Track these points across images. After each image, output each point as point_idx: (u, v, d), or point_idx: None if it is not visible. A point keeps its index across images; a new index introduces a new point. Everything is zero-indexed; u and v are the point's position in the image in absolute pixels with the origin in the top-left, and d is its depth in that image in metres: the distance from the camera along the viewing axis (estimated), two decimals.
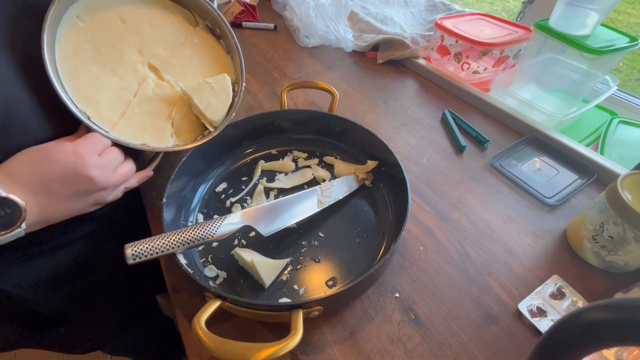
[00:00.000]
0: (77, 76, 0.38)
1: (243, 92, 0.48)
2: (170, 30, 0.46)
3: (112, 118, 0.40)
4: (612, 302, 0.19)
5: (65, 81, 0.37)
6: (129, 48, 0.42)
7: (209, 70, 0.48)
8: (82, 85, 0.38)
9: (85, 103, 0.38)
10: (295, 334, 0.29)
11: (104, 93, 0.40)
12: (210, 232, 0.35)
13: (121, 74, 0.41)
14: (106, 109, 0.40)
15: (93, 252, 0.49)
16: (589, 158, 0.54)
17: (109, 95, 0.40)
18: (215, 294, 0.32)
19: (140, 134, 0.41)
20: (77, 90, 0.38)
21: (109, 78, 0.41)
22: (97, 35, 0.40)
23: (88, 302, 0.53)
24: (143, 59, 0.43)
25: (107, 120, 0.40)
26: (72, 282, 0.48)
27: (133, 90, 0.42)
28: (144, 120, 0.42)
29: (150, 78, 0.43)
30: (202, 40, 0.48)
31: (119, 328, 0.64)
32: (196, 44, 0.47)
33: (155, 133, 0.43)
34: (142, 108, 0.42)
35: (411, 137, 0.62)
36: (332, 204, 0.46)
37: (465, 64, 0.75)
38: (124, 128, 0.40)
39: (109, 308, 0.58)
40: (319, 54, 0.85)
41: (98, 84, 0.40)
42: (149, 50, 0.44)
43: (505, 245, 0.45)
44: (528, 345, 0.36)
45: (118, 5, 0.42)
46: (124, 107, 0.41)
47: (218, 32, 0.49)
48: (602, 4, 0.62)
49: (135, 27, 0.43)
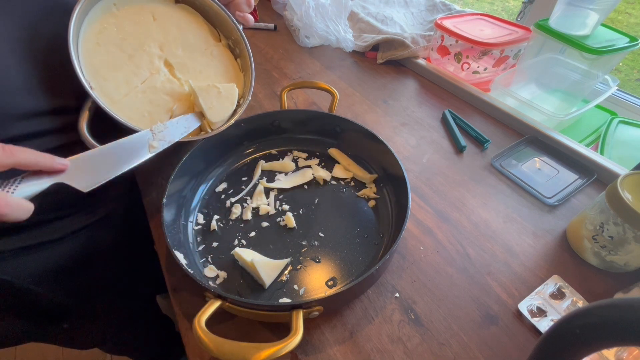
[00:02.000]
0: (95, 50, 0.40)
1: (246, 106, 0.49)
2: (194, 37, 0.49)
3: (114, 96, 0.41)
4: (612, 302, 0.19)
5: (82, 52, 0.39)
6: (152, 41, 0.45)
7: (220, 80, 0.50)
8: (96, 60, 0.40)
9: (93, 75, 0.39)
10: (295, 334, 0.29)
11: (114, 72, 0.41)
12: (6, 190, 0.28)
13: (137, 61, 0.43)
14: (112, 86, 0.41)
15: (93, 248, 0.50)
16: (589, 158, 0.54)
17: (118, 76, 0.41)
18: (216, 294, 0.32)
19: (137, 118, 0.42)
20: (90, 63, 0.39)
21: (124, 61, 0.42)
22: (126, 23, 0.43)
23: (88, 298, 0.53)
24: (162, 54, 0.45)
25: (109, 97, 0.40)
26: (71, 277, 0.49)
27: (143, 78, 0.43)
28: (144, 107, 0.43)
29: (163, 72, 0.45)
30: (221, 54, 0.51)
31: (118, 325, 0.64)
32: (214, 55, 0.50)
33: (152, 122, 0.43)
34: (146, 95, 0.43)
35: (411, 137, 0.62)
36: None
37: (465, 64, 0.75)
38: (123, 108, 0.41)
39: (108, 305, 0.58)
40: (319, 54, 0.85)
41: (112, 63, 0.41)
42: (169, 48, 0.46)
43: (505, 245, 0.45)
44: (528, 345, 0.36)
45: (154, 4, 0.46)
46: (129, 90, 0.42)
47: (237, 51, 0.53)
48: (602, 4, 0.62)
49: (163, 26, 0.46)
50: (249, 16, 0.51)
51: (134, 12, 0.44)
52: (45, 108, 0.38)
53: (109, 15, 0.42)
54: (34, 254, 0.43)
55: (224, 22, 0.50)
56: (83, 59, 0.39)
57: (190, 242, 0.43)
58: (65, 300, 0.50)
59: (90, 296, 0.53)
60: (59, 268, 0.46)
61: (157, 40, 0.45)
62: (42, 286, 0.46)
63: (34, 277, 0.44)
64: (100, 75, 0.40)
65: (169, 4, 0.47)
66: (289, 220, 0.45)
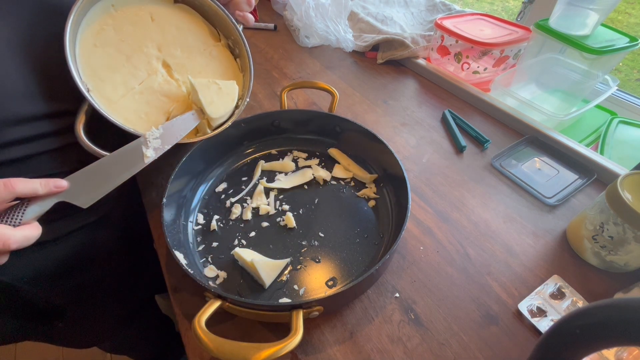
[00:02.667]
0: (92, 52, 0.40)
1: (244, 107, 0.49)
2: (193, 37, 0.48)
3: (112, 97, 0.40)
4: (612, 302, 0.19)
5: (79, 54, 0.39)
6: (150, 42, 0.44)
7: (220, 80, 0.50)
8: (93, 61, 0.40)
9: (90, 77, 0.39)
10: (295, 334, 0.29)
11: (112, 74, 0.41)
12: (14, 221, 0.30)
13: (135, 62, 0.43)
14: (109, 88, 0.40)
15: (91, 248, 0.50)
16: (589, 158, 0.54)
17: (115, 77, 0.41)
18: (216, 294, 0.32)
19: (133, 119, 0.42)
20: (87, 64, 0.39)
21: (122, 62, 0.42)
22: (124, 25, 0.43)
23: (85, 298, 0.53)
24: (160, 55, 0.45)
25: (106, 99, 0.40)
26: (69, 277, 0.48)
27: (140, 79, 0.43)
28: (141, 108, 0.43)
29: (160, 72, 0.45)
30: (220, 54, 0.51)
31: (117, 325, 0.64)
32: (214, 56, 0.50)
33: (149, 123, 0.43)
34: (143, 96, 0.43)
35: (411, 137, 0.62)
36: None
37: (465, 64, 0.75)
38: (120, 109, 0.41)
39: (106, 305, 0.58)
40: (319, 54, 0.85)
41: (109, 64, 0.41)
42: (167, 49, 0.46)
43: (505, 245, 0.45)
44: (528, 345, 0.36)
45: (153, 5, 0.45)
46: (127, 92, 0.42)
47: (237, 52, 0.52)
48: (602, 4, 0.62)
49: (161, 27, 0.46)
50: (249, 16, 0.51)
51: (132, 13, 0.44)
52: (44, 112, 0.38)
53: (107, 16, 0.42)
54: (30, 255, 0.43)
55: (223, 22, 0.49)
56: (80, 61, 0.39)
57: (190, 242, 0.43)
58: (61, 300, 0.50)
59: (88, 296, 0.53)
60: (55, 268, 0.46)
61: (155, 41, 0.45)
62: (38, 286, 0.46)
63: (29, 277, 0.44)
64: (97, 77, 0.40)
65: (167, 4, 0.47)
66: (289, 220, 0.45)
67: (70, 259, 0.47)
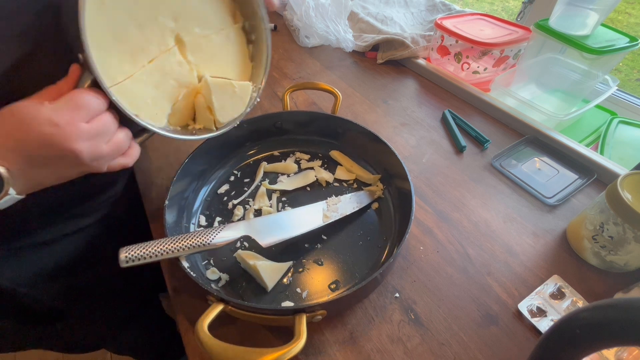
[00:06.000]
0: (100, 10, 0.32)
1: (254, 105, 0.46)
2: (213, 13, 0.42)
3: (116, 76, 0.34)
4: (612, 302, 0.20)
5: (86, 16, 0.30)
6: (167, 10, 0.37)
7: (232, 69, 0.45)
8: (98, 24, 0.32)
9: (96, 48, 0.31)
10: (299, 338, 0.29)
11: (119, 45, 0.34)
12: (206, 241, 0.35)
13: (147, 33, 0.36)
14: (114, 63, 0.34)
15: (90, 249, 0.49)
16: (589, 158, 0.55)
17: (122, 49, 0.34)
18: (218, 298, 0.32)
19: (138, 104, 0.36)
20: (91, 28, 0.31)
21: (132, 30, 0.35)
22: None
23: (84, 300, 0.53)
24: (174, 28, 0.38)
25: (110, 76, 0.33)
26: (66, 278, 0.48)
27: (151, 55, 0.37)
28: (148, 91, 0.37)
29: (174, 52, 0.39)
30: (236, 37, 0.45)
31: (117, 326, 0.64)
32: (230, 38, 0.44)
33: (154, 109, 0.38)
34: (152, 78, 0.37)
35: (411, 137, 0.62)
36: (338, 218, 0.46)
37: (465, 64, 0.75)
38: (124, 91, 0.34)
39: (106, 306, 0.58)
40: (319, 54, 0.85)
41: (118, 33, 0.34)
42: (185, 22, 0.39)
43: (505, 245, 0.45)
44: (528, 345, 0.36)
45: None
46: (134, 70, 0.36)
47: (253, 38, 0.46)
48: (602, 4, 0.62)
49: None
50: None
51: None
52: None
53: None
54: (27, 257, 0.43)
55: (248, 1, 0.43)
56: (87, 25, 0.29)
57: None
58: (58, 302, 0.50)
59: (86, 297, 0.53)
60: (51, 270, 0.46)
61: (172, 10, 0.37)
62: (37, 288, 0.45)
63: (28, 280, 0.44)
64: (103, 48, 0.32)
65: None
66: None
67: (66, 260, 0.47)
